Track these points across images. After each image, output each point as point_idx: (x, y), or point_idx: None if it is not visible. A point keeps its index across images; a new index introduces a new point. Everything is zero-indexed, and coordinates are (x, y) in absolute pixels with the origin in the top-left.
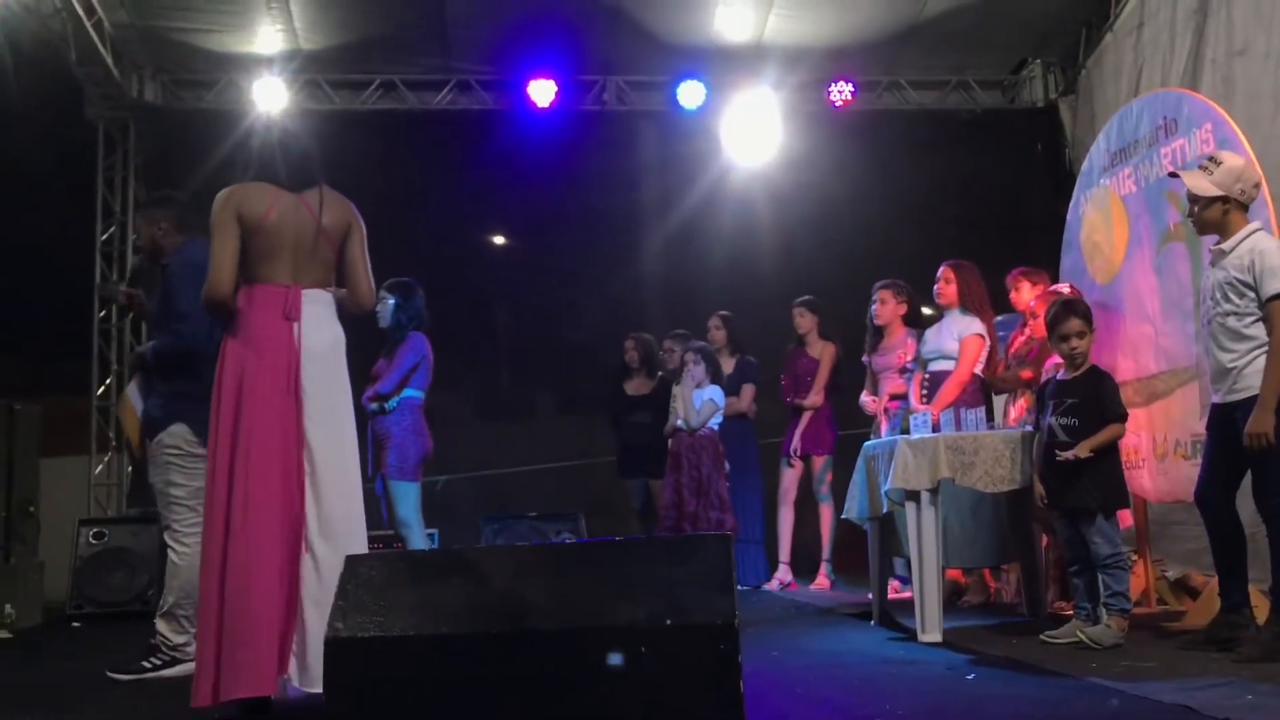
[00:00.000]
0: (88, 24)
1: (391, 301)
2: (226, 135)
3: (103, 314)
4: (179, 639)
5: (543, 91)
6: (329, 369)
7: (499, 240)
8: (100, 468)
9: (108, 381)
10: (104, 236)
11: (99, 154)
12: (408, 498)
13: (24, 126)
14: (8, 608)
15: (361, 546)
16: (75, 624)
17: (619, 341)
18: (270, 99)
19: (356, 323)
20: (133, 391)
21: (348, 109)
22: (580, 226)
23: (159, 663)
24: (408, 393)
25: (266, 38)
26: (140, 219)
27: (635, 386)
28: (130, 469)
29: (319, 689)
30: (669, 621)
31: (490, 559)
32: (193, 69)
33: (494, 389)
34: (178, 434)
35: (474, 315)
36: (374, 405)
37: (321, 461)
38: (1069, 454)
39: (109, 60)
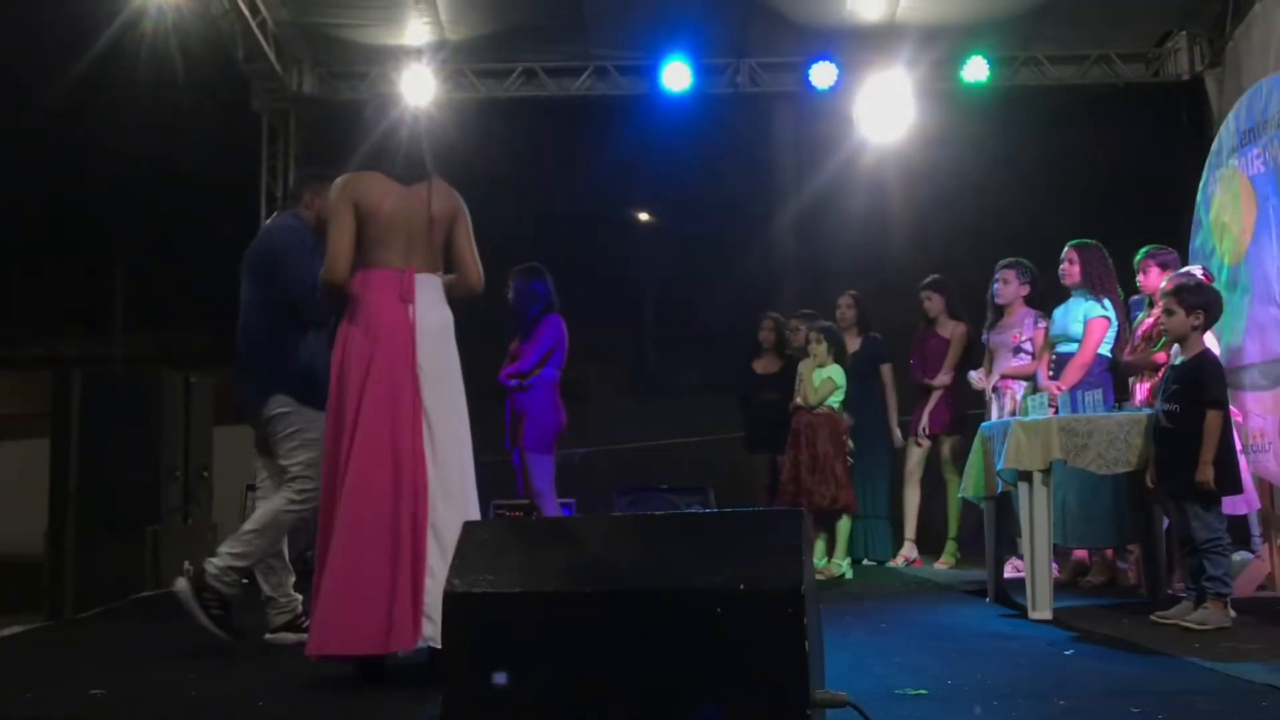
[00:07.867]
0: (253, 23)
1: (523, 285)
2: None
3: None
4: None
5: (677, 75)
6: (441, 347)
7: (637, 222)
8: None
9: None
10: (267, 221)
11: (262, 144)
12: (543, 469)
13: (193, 120)
14: (186, 564)
15: (475, 511)
16: (244, 580)
17: (753, 320)
18: (418, 88)
19: (493, 305)
20: None
21: (491, 96)
22: (715, 207)
23: None
24: (545, 371)
25: (415, 30)
26: None
27: (764, 365)
28: None
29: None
30: (742, 586)
31: (588, 528)
32: (347, 62)
33: (636, 366)
34: None
35: (615, 296)
36: (514, 382)
37: (440, 434)
38: (1201, 479)
39: (272, 56)
